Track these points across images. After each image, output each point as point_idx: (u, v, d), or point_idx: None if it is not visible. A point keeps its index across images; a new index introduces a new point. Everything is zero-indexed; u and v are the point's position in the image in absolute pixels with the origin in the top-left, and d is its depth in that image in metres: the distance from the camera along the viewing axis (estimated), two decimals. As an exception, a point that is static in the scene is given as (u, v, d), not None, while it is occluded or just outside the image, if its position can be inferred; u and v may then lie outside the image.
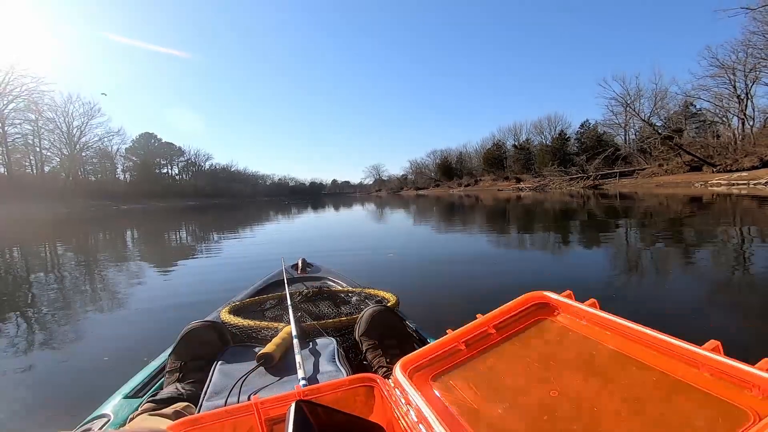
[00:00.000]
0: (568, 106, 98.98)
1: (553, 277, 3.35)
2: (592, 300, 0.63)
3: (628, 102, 33.10)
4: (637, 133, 35.63)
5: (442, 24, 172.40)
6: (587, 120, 43.22)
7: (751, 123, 27.30)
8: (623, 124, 37.43)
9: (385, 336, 1.03)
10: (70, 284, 3.88)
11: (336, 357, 0.89)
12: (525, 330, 0.67)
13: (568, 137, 44.12)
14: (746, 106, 27.40)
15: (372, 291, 1.51)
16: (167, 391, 0.89)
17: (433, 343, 0.68)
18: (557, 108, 77.16)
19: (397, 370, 0.62)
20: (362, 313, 1.09)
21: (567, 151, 42.41)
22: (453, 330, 0.70)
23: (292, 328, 0.97)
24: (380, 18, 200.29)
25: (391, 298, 1.38)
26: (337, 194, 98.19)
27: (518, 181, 44.53)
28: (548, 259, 4.36)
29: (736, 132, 27.38)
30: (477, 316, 0.70)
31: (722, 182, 19.65)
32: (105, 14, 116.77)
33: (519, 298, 0.69)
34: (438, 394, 0.60)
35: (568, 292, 0.66)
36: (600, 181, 31.17)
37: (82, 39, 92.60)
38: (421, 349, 0.66)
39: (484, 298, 2.66)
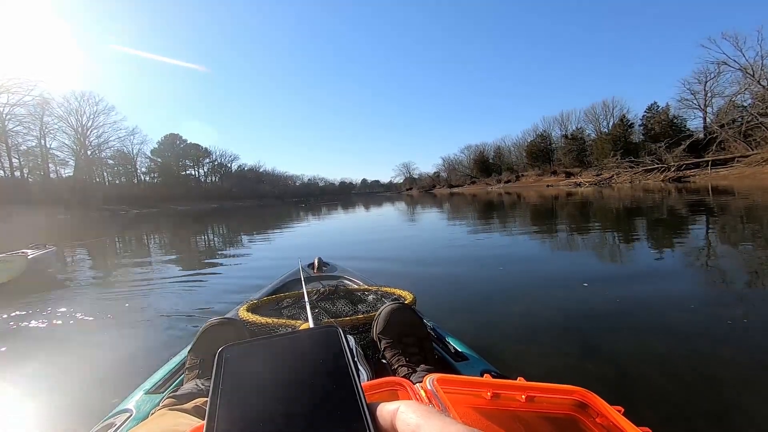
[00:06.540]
0: (621, 91, 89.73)
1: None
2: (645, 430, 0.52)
3: (743, 67, 27.28)
4: (716, 114, 29.52)
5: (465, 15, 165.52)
6: (655, 102, 37.34)
7: None
8: (703, 105, 31.40)
9: (404, 334, 1.03)
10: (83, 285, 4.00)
11: (355, 355, 0.91)
12: (550, 418, 0.58)
13: (632, 123, 38.24)
14: None
15: (388, 289, 1.53)
16: (187, 387, 0.92)
17: (468, 377, 0.68)
18: (610, 93, 69.79)
19: (434, 383, 0.60)
20: (380, 310, 1.09)
21: (631, 139, 36.55)
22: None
23: (310, 325, 0.97)
24: (411, 13, 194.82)
25: (407, 296, 1.38)
26: (367, 194, 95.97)
27: (569, 175, 39.43)
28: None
29: None
30: (519, 378, 0.67)
31: None
32: (124, 28, 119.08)
33: (562, 385, 0.60)
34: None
35: (619, 407, 0.55)
36: (684, 172, 25.49)
37: (104, 51, 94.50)
38: (458, 376, 0.65)
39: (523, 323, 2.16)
